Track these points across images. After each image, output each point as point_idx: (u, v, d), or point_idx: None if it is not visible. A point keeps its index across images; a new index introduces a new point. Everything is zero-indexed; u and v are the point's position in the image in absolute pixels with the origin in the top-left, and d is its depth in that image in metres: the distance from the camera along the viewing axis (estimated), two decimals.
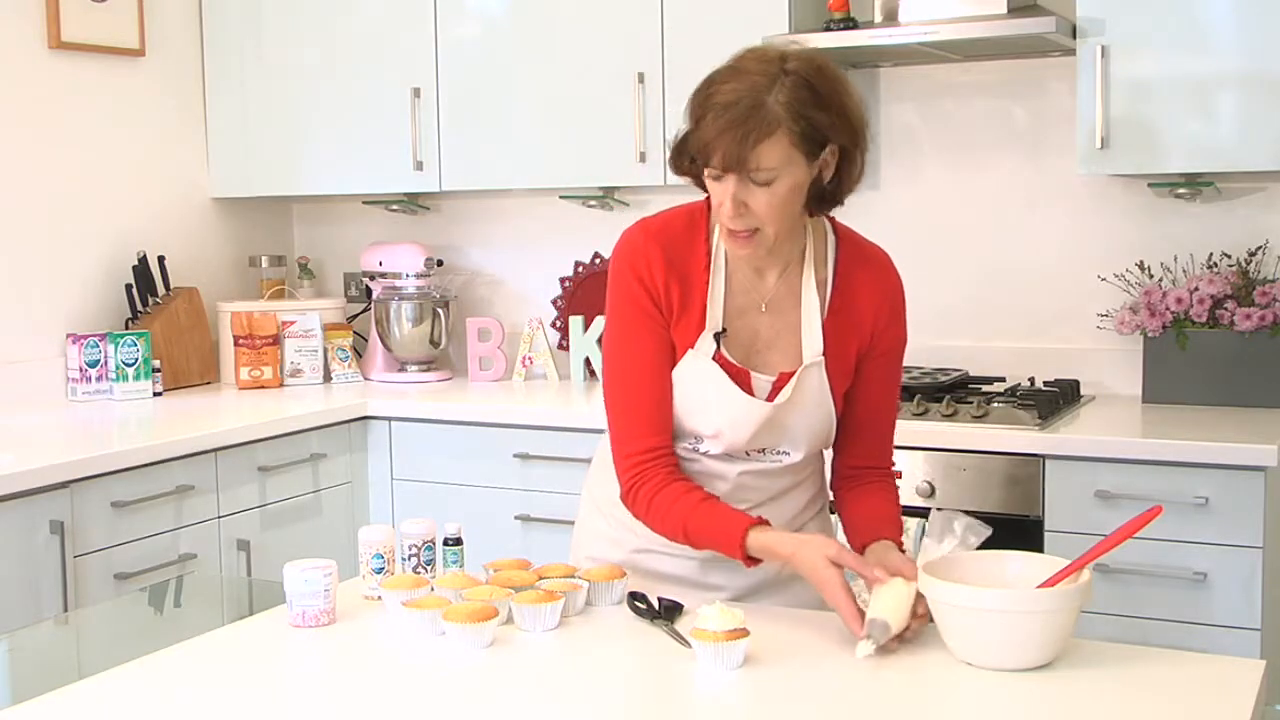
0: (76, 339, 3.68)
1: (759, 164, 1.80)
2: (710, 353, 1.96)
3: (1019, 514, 2.97)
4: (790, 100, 1.79)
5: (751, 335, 1.99)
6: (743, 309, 1.99)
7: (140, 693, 1.67)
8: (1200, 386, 3.24)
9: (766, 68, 1.81)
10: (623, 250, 2.00)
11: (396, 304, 4.02)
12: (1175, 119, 3.05)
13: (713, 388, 1.96)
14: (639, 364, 1.98)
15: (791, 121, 1.79)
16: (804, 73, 1.82)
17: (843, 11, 3.29)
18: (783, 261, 1.99)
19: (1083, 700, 1.58)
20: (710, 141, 1.80)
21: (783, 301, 2.00)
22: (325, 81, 3.98)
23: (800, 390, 1.97)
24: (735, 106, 1.78)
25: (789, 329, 1.99)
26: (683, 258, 1.97)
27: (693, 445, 2.01)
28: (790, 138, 1.80)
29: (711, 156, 1.82)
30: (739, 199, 1.83)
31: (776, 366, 1.99)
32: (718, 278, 1.98)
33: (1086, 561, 1.71)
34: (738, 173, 1.81)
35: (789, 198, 1.85)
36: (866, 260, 2.04)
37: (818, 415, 2.00)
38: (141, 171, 3.99)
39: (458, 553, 2.06)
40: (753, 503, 2.03)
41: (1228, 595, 2.78)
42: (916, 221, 3.67)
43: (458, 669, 1.72)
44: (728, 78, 1.82)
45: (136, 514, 3.04)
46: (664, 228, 2.00)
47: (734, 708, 1.62)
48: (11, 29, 3.60)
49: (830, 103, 1.83)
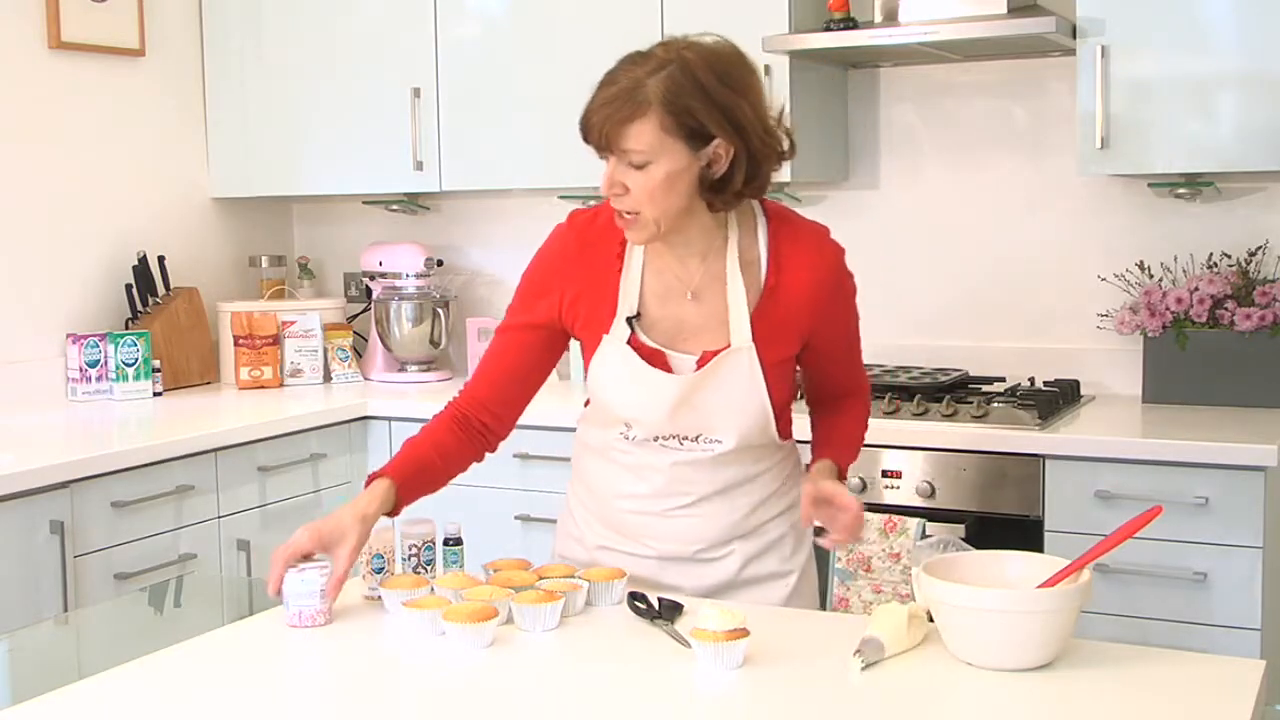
0: (76, 339, 3.68)
1: (627, 145, 1.84)
2: (624, 337, 1.99)
3: (1019, 514, 2.97)
4: (667, 87, 1.83)
5: (676, 323, 2.00)
6: (664, 295, 2.00)
7: (140, 693, 1.67)
8: (1200, 386, 3.24)
9: (666, 54, 1.86)
10: (550, 240, 2.08)
11: (396, 304, 4.02)
12: (1175, 119, 3.05)
13: (626, 370, 1.98)
14: (509, 334, 2.08)
15: (662, 106, 1.83)
16: (695, 63, 1.85)
17: (843, 11, 3.29)
18: (702, 248, 1.99)
19: (1083, 700, 1.58)
20: (587, 118, 1.87)
21: (708, 288, 2.00)
22: (325, 81, 3.98)
23: (724, 372, 1.97)
24: (614, 86, 1.85)
25: (716, 317, 1.99)
26: (599, 247, 2.02)
27: (621, 433, 2.04)
28: (661, 122, 1.83)
29: (588, 134, 1.88)
30: (616, 179, 1.88)
31: (701, 347, 1.99)
32: (632, 264, 2.01)
33: (1086, 561, 1.71)
34: (612, 152, 1.87)
35: (666, 184, 1.86)
36: (800, 236, 2.03)
37: (747, 400, 1.99)
38: (141, 171, 3.99)
39: (458, 553, 2.06)
40: (695, 496, 2.03)
41: (1228, 595, 2.78)
42: (916, 221, 3.68)
43: (458, 669, 1.72)
44: (631, 60, 1.88)
45: (136, 514, 3.03)
46: (592, 218, 2.05)
47: (734, 708, 1.62)
48: (11, 29, 3.60)
49: (712, 96, 1.84)
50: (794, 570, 2.12)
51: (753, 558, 2.07)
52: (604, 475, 2.09)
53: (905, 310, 3.68)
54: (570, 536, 2.17)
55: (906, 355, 3.64)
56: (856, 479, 3.08)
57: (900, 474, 3.07)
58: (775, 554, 2.10)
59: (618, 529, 2.09)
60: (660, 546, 2.05)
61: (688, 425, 2.00)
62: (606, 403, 2.03)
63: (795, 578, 2.12)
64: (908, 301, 3.67)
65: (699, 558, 2.05)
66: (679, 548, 2.04)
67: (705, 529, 2.04)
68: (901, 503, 3.06)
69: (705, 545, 2.05)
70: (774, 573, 2.10)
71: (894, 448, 3.08)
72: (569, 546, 2.16)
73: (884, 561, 2.97)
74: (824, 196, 3.77)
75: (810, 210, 3.75)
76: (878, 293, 3.70)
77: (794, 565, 2.12)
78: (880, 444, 3.08)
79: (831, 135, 3.65)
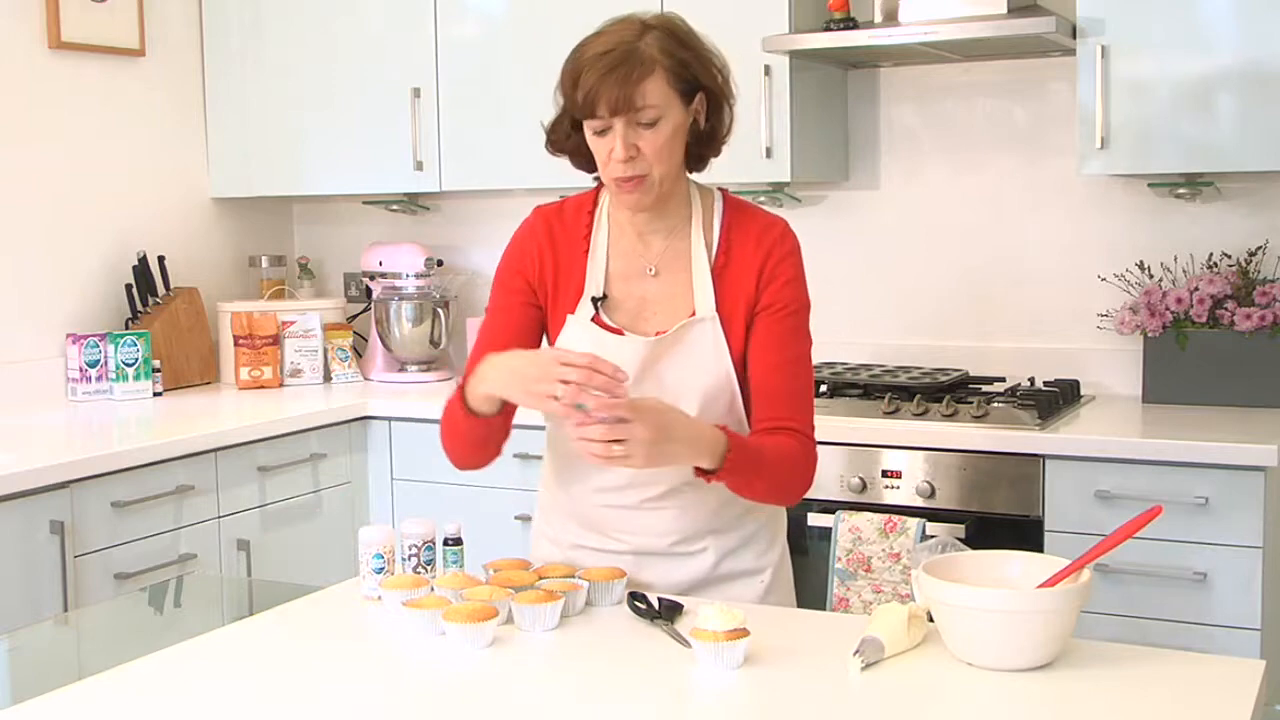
0: (76, 339, 3.68)
1: (645, 101, 1.89)
2: (589, 316, 2.02)
3: (1019, 514, 2.97)
4: (660, 43, 1.92)
5: (638, 301, 2.04)
6: (627, 275, 2.04)
7: (140, 693, 1.67)
8: (1200, 386, 3.24)
9: (629, 27, 1.93)
10: (516, 231, 2.13)
11: (396, 304, 4.02)
12: (1175, 119, 3.06)
13: (590, 346, 1.98)
14: (494, 324, 2.08)
15: (665, 59, 1.91)
16: (666, 26, 1.95)
17: (843, 11, 3.29)
18: (669, 225, 2.04)
19: (1083, 700, 1.58)
20: (593, 89, 1.89)
21: (671, 264, 2.04)
22: (325, 81, 3.98)
23: (687, 342, 1.99)
24: (611, 54, 1.89)
25: (679, 290, 2.02)
26: (566, 231, 2.07)
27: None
28: (666, 77, 1.90)
29: (598, 105, 1.89)
30: (629, 141, 1.91)
31: (655, 328, 2.01)
32: (598, 245, 2.05)
33: (1086, 561, 1.71)
34: (625, 114, 1.89)
35: (673, 139, 1.94)
36: (752, 221, 2.05)
37: (710, 372, 2.00)
38: (141, 171, 3.99)
39: (458, 553, 2.06)
40: (665, 485, 2.02)
41: (1228, 595, 2.78)
42: (916, 221, 3.68)
43: (458, 669, 1.72)
44: (594, 39, 1.93)
45: (136, 514, 3.03)
46: (558, 208, 2.11)
47: (734, 708, 1.62)
48: (11, 29, 3.60)
49: (693, 45, 1.96)
50: (768, 567, 2.12)
51: (727, 553, 2.07)
52: (575, 469, 2.08)
53: (905, 310, 3.68)
54: (545, 537, 2.17)
55: (906, 355, 3.64)
56: (857, 478, 3.09)
57: (900, 474, 3.07)
58: (750, 550, 2.10)
59: (592, 525, 2.09)
60: (634, 541, 2.05)
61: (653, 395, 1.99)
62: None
63: (769, 574, 2.11)
64: (908, 301, 3.67)
65: (674, 551, 2.04)
66: (653, 541, 2.04)
67: (678, 521, 2.04)
68: (901, 503, 3.06)
69: (679, 538, 2.04)
70: (748, 569, 2.10)
71: (894, 448, 3.08)
72: (544, 548, 2.16)
73: (884, 561, 2.98)
74: (824, 196, 3.77)
75: (810, 210, 3.77)
76: (878, 293, 3.72)
77: (768, 562, 2.12)
78: (880, 444, 3.08)
79: (831, 135, 3.65)
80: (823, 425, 3.10)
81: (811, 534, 3.10)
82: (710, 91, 1.97)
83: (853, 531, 3.01)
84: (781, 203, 3.71)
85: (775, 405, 2.00)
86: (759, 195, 3.68)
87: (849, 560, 3.01)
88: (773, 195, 3.69)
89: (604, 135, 1.92)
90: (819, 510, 3.09)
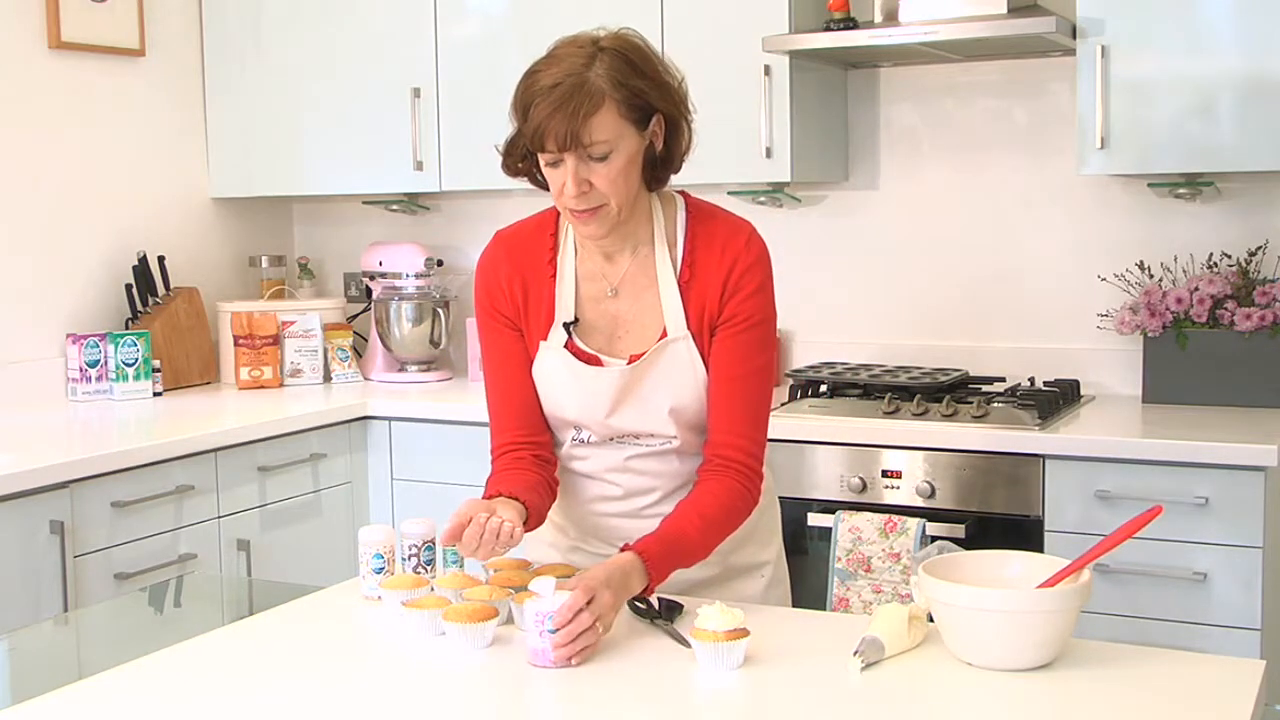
0: (76, 339, 3.68)
1: (592, 138, 1.84)
2: (561, 342, 2.00)
3: (1019, 514, 2.97)
4: (610, 73, 1.86)
5: (610, 321, 2.02)
6: (596, 297, 2.02)
7: (140, 693, 1.67)
8: (1200, 386, 3.24)
9: (581, 50, 1.88)
10: (479, 263, 2.09)
11: (396, 304, 4.02)
12: (1175, 119, 3.05)
13: (566, 373, 1.99)
14: (498, 366, 2.06)
15: (615, 91, 1.85)
16: (618, 48, 1.89)
17: (843, 11, 3.29)
18: (633, 243, 2.01)
19: (1083, 700, 1.58)
20: (541, 124, 1.84)
21: (636, 281, 2.01)
22: (325, 81, 3.98)
23: (662, 363, 1.98)
24: (559, 87, 1.84)
25: (648, 309, 2.01)
26: (529, 257, 2.04)
27: (574, 436, 2.05)
28: (618, 108, 1.86)
29: (546, 140, 1.85)
30: (580, 177, 1.87)
31: (629, 350, 2.00)
32: (565, 270, 2.02)
33: (1086, 561, 1.71)
34: (574, 150, 1.85)
35: (627, 169, 1.89)
36: (716, 230, 2.02)
37: (688, 391, 1.99)
38: (141, 171, 3.99)
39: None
40: (660, 491, 2.03)
41: (1228, 595, 2.78)
42: (916, 221, 3.67)
43: (458, 669, 1.72)
44: (546, 66, 1.88)
45: (136, 514, 3.03)
46: (515, 233, 2.08)
47: (734, 708, 1.62)
48: (11, 29, 3.60)
49: (647, 72, 1.90)
50: (769, 560, 2.13)
51: (731, 550, 2.06)
52: (571, 485, 2.09)
53: (905, 310, 3.68)
54: (542, 541, 2.15)
55: (906, 355, 3.64)
56: (857, 479, 3.09)
57: (900, 474, 3.07)
58: (751, 544, 2.10)
59: (594, 533, 2.10)
60: None
61: (634, 420, 2.00)
62: (553, 407, 2.04)
63: (771, 568, 2.13)
64: (908, 301, 3.67)
65: None
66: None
67: None
68: (901, 503, 3.06)
69: None
70: (750, 564, 2.11)
71: (894, 448, 3.08)
72: (540, 551, 2.15)
73: (884, 561, 2.98)
74: (824, 196, 3.77)
75: (810, 210, 3.77)
76: (878, 292, 3.71)
77: (769, 555, 2.14)
78: (880, 444, 3.08)
79: (831, 135, 3.65)
80: (823, 425, 3.14)
81: (811, 534, 3.10)
82: (666, 114, 1.93)
83: (853, 531, 3.01)
84: (781, 203, 3.71)
85: (723, 422, 1.98)
86: (759, 195, 3.68)
87: (849, 560, 3.01)
88: (772, 195, 3.69)
89: (556, 167, 1.88)
90: (819, 510, 3.09)
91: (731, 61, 3.41)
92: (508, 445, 2.04)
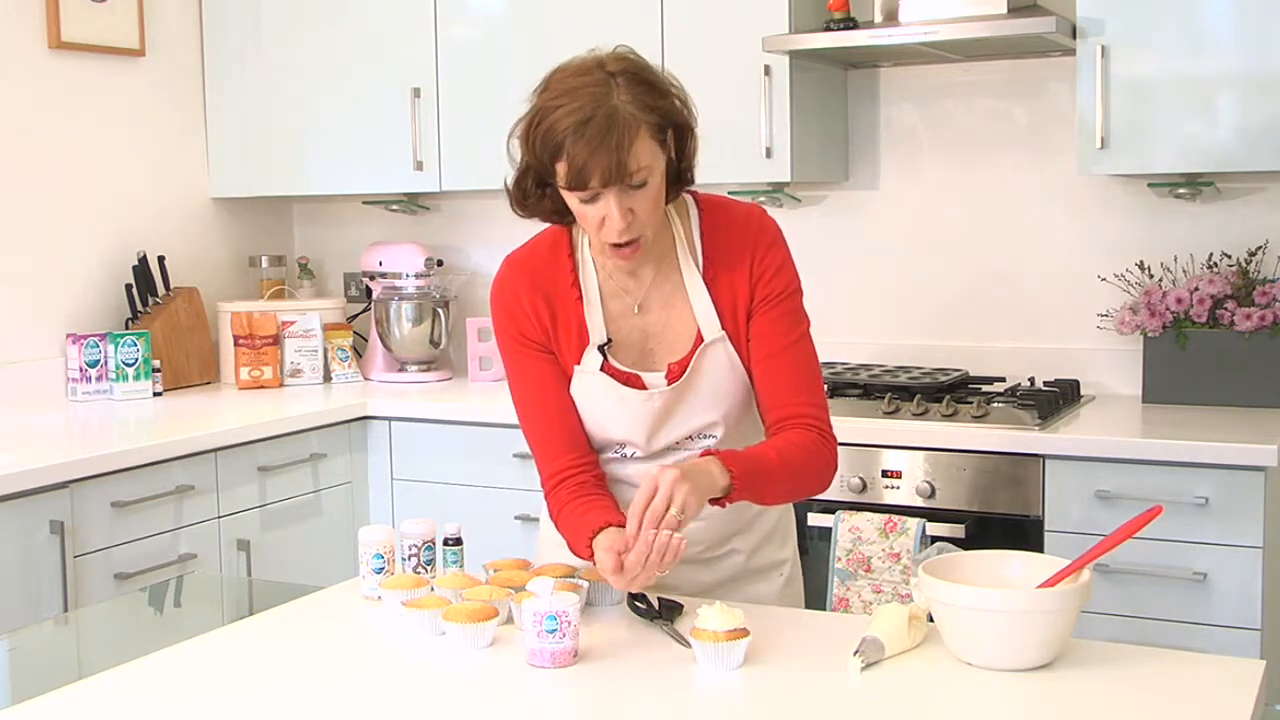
0: (76, 339, 3.68)
1: (637, 165, 1.80)
2: (597, 365, 1.98)
3: (1019, 514, 2.97)
4: (635, 98, 1.81)
5: (640, 335, 2.00)
6: (623, 313, 2.00)
7: (140, 693, 1.67)
8: (1200, 386, 3.24)
9: (593, 78, 1.82)
10: (495, 288, 2.03)
11: (396, 304, 4.02)
12: (1175, 119, 3.05)
13: (611, 398, 1.97)
14: (535, 391, 2.01)
15: (645, 115, 1.81)
16: (630, 71, 1.84)
17: (843, 11, 3.29)
18: (656, 254, 1.99)
19: (1083, 700, 1.58)
20: (585, 163, 1.78)
21: (661, 290, 2.00)
22: (325, 81, 3.98)
23: (705, 371, 1.97)
24: (592, 122, 1.77)
25: (676, 316, 1.99)
26: (550, 280, 2.00)
27: (617, 452, 2.03)
28: (650, 131, 1.82)
29: (590, 178, 1.79)
30: (625, 207, 1.83)
31: (664, 361, 1.98)
32: (589, 290, 1.99)
33: (1086, 561, 1.71)
34: (618, 184, 1.81)
35: (660, 190, 1.88)
36: (730, 220, 2.01)
37: (733, 391, 1.99)
38: (141, 171, 3.99)
39: (458, 553, 2.06)
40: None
41: (1228, 595, 2.78)
42: (916, 221, 3.68)
43: (458, 669, 1.72)
44: (562, 100, 1.81)
45: (136, 514, 3.03)
46: (529, 256, 2.03)
47: (734, 708, 1.62)
48: (11, 29, 3.60)
49: (662, 89, 1.86)
50: (787, 559, 2.14)
51: (754, 550, 2.08)
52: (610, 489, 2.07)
53: (905, 310, 3.68)
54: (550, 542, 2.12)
55: (906, 355, 3.64)
56: (857, 478, 3.09)
57: (900, 474, 3.07)
58: (772, 543, 2.11)
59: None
60: None
61: (680, 429, 2.00)
62: (597, 429, 2.01)
63: (789, 566, 2.14)
64: (908, 301, 3.67)
65: (702, 557, 2.05)
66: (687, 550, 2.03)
67: (705, 531, 2.03)
68: (901, 503, 3.06)
69: (706, 545, 2.05)
70: (770, 563, 2.11)
71: (894, 448, 3.08)
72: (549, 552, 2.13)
73: (884, 561, 2.98)
74: (824, 196, 3.77)
75: (810, 210, 3.77)
76: (878, 293, 3.71)
77: (786, 553, 2.14)
78: (880, 444, 3.08)
79: (831, 135, 3.65)
80: None
81: (811, 534, 3.10)
82: (678, 125, 1.90)
83: (853, 531, 3.01)
84: (781, 203, 3.71)
85: (782, 394, 1.97)
86: (759, 195, 3.68)
87: (849, 560, 3.01)
88: (772, 195, 3.69)
89: (594, 202, 1.83)
90: (819, 510, 3.09)
91: (731, 61, 3.41)
92: (564, 472, 1.99)
